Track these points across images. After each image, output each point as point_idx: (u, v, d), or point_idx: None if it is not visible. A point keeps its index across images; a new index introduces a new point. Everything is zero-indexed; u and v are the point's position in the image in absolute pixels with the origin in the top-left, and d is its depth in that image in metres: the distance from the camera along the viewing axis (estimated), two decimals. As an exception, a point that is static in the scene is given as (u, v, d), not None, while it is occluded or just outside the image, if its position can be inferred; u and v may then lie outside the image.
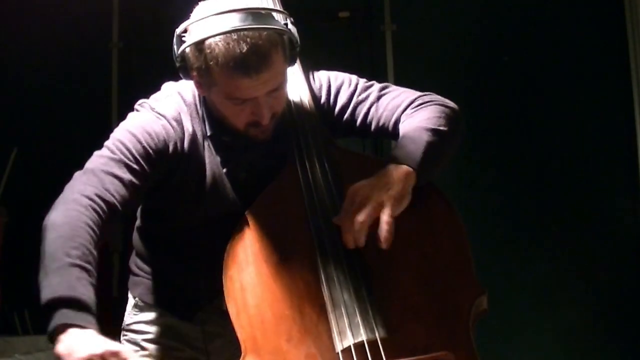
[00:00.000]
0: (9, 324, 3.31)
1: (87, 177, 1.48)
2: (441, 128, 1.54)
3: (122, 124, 1.58)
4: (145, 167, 1.52)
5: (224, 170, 1.60)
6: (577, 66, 3.58)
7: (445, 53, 3.63)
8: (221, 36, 1.43)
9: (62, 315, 1.28)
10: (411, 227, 1.51)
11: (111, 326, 1.80)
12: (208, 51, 1.45)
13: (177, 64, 1.53)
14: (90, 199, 1.43)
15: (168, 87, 1.67)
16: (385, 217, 1.42)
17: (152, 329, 1.72)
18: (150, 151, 1.53)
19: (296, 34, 1.55)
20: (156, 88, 1.70)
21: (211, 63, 1.45)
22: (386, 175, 1.46)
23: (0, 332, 3.11)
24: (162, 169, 1.55)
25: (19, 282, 3.44)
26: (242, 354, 1.41)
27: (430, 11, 3.68)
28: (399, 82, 3.63)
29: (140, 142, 1.52)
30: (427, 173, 1.51)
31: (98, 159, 1.51)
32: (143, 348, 1.71)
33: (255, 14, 1.46)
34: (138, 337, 1.72)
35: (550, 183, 3.55)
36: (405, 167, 1.47)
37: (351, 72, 1.74)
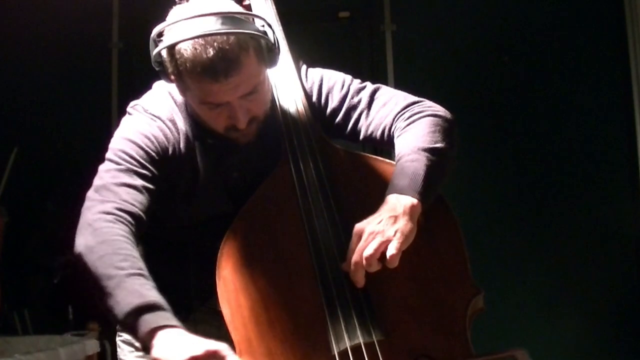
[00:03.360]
0: (9, 324, 3.32)
1: (101, 194, 1.46)
2: (438, 145, 1.51)
3: (119, 132, 1.57)
4: (153, 169, 1.51)
5: (216, 171, 1.59)
6: (577, 66, 3.58)
7: (445, 53, 3.63)
8: (190, 41, 1.42)
9: (145, 322, 1.28)
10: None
11: (111, 327, 1.81)
12: (178, 56, 1.44)
13: (156, 68, 1.53)
14: (112, 214, 1.42)
15: (159, 86, 1.66)
16: (392, 250, 1.39)
17: None
18: (153, 154, 1.53)
19: (273, 37, 1.51)
20: (155, 88, 1.69)
21: (181, 68, 1.45)
22: (391, 209, 1.42)
23: (0, 332, 3.11)
24: (167, 170, 1.54)
25: (19, 282, 3.46)
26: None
27: (430, 11, 3.69)
28: (399, 82, 3.66)
29: (141, 148, 1.52)
30: (431, 198, 1.48)
31: (106, 174, 1.49)
32: (137, 348, 1.68)
33: (225, 18, 1.44)
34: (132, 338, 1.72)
35: (550, 183, 3.56)
36: (409, 199, 1.43)
37: (351, 72, 1.72)
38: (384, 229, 1.40)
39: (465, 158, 3.41)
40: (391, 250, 1.38)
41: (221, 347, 1.27)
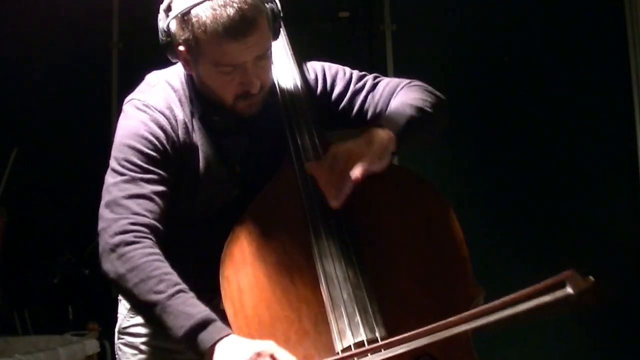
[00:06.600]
0: (9, 324, 3.31)
1: (113, 210, 1.48)
2: (427, 109, 1.60)
3: (118, 137, 1.57)
4: (158, 171, 1.52)
5: (217, 159, 1.60)
6: (577, 66, 3.58)
7: (445, 53, 3.63)
8: (207, 3, 1.46)
9: (202, 342, 1.35)
10: (409, 227, 1.53)
11: (111, 327, 1.81)
12: (195, 20, 1.47)
13: (163, 41, 1.55)
14: (130, 232, 1.45)
15: (153, 76, 1.67)
16: (360, 167, 1.45)
17: (150, 331, 1.70)
18: (154, 154, 1.53)
19: (279, 6, 1.59)
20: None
21: (199, 31, 1.47)
22: (369, 135, 1.51)
23: (0, 332, 3.10)
24: (170, 166, 1.55)
25: (19, 282, 3.46)
26: (241, 355, 1.40)
27: (430, 11, 3.68)
28: (399, 82, 3.62)
29: (142, 152, 1.52)
30: (405, 142, 1.56)
31: (113, 188, 1.50)
32: (141, 351, 1.70)
33: None
34: (136, 340, 1.71)
35: (550, 183, 3.56)
36: (387, 132, 1.52)
37: (350, 71, 1.76)
38: (359, 149, 1.48)
39: (465, 158, 3.44)
40: (357, 168, 1.44)
41: (266, 346, 1.33)
